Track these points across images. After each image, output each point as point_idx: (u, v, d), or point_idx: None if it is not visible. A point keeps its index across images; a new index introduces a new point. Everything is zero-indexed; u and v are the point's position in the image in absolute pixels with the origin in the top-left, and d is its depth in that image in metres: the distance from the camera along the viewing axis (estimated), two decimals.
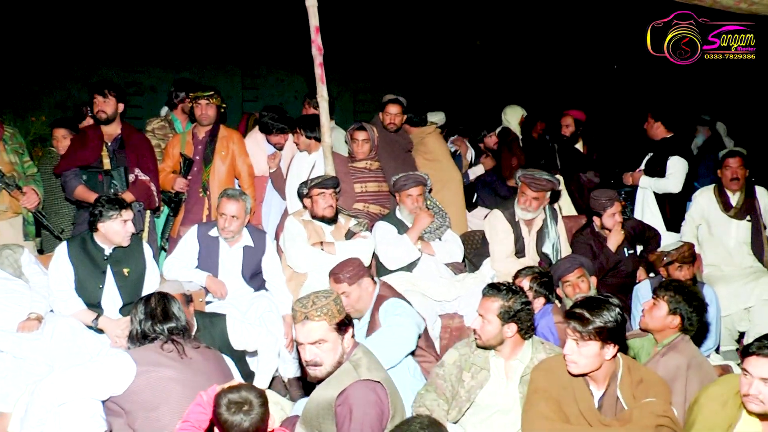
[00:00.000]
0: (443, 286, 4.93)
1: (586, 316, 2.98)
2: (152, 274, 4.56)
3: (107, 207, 4.30)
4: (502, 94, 9.64)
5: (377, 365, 3.12)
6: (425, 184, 5.23)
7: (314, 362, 3.01)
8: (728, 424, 2.98)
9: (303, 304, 3.03)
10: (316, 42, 5.06)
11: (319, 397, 3.04)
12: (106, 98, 5.17)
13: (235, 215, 4.71)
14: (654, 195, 6.11)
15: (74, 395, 3.08)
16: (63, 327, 4.06)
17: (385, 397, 2.96)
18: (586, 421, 3.01)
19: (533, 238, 5.33)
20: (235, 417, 2.61)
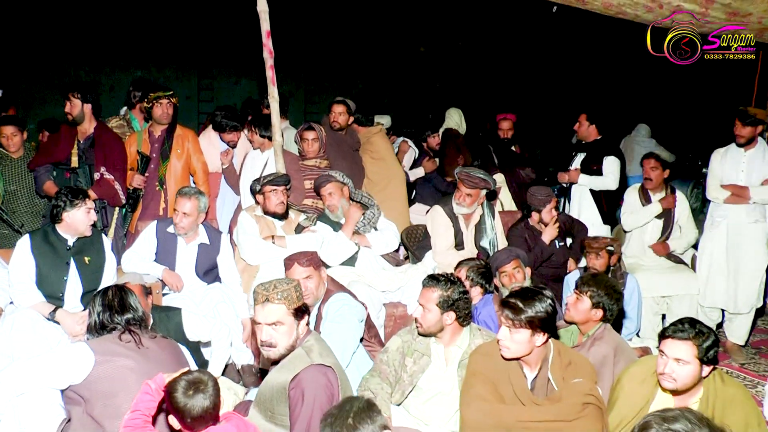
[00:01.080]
0: (387, 277, 4.95)
1: (519, 305, 3.02)
2: (111, 265, 4.47)
3: (71, 197, 4.21)
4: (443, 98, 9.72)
5: (328, 351, 3.12)
6: (338, 181, 5.21)
7: (269, 343, 3.02)
8: (646, 400, 3.08)
9: (265, 287, 3.05)
10: (267, 46, 5.02)
11: (272, 380, 3.04)
12: (71, 101, 5.07)
13: (188, 213, 4.64)
14: (590, 191, 6.22)
15: (34, 385, 3.00)
16: (23, 319, 3.94)
17: (335, 381, 2.97)
18: (520, 401, 3.05)
19: (471, 232, 5.37)
20: (194, 399, 2.60)
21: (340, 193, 5.17)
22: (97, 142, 5.20)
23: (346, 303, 3.95)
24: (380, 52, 11.38)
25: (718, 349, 2.98)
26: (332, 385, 2.94)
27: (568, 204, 6.37)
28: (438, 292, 3.35)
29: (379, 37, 11.03)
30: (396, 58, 11.59)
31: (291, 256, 4.07)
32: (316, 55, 10.93)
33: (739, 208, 5.45)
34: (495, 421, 2.99)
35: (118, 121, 6.13)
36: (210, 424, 2.66)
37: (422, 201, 6.79)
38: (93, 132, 5.21)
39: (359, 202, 5.27)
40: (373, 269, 5.03)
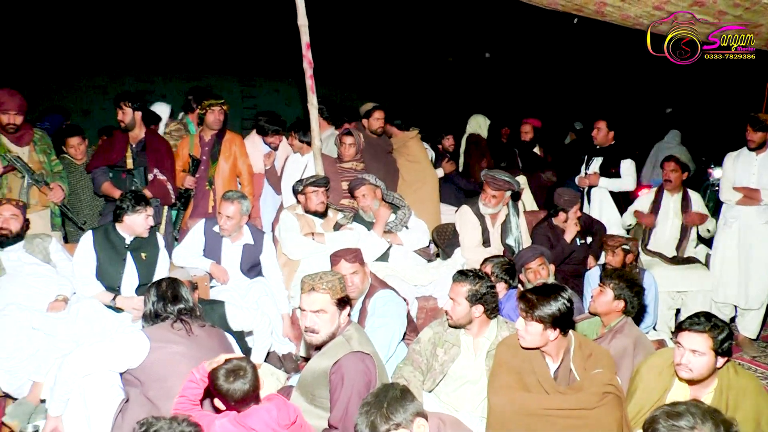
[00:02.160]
0: (419, 272, 4.98)
1: (533, 301, 3.05)
2: (164, 260, 4.55)
3: (134, 202, 4.30)
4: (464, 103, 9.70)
5: (367, 340, 3.16)
6: (371, 183, 5.23)
7: (312, 329, 3.08)
8: (663, 390, 3.07)
9: (312, 277, 3.13)
10: (307, 57, 5.06)
11: (314, 366, 3.09)
12: (123, 110, 5.14)
13: (231, 216, 4.67)
14: (609, 193, 6.23)
15: (96, 368, 3.09)
16: (86, 307, 4.04)
17: (373, 367, 3.00)
18: (544, 389, 3.05)
19: (497, 231, 5.36)
20: (235, 384, 2.66)
21: (373, 194, 5.19)
22: (148, 146, 5.27)
23: (391, 299, 3.98)
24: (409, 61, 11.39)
25: (732, 342, 2.96)
26: (370, 371, 2.98)
27: (588, 205, 6.34)
28: (467, 286, 3.37)
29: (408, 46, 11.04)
30: (424, 67, 11.58)
31: (338, 252, 4.10)
32: (351, 63, 10.96)
33: (750, 209, 5.39)
34: (520, 408, 3.00)
35: (176, 125, 6.20)
36: (253, 403, 2.72)
37: (443, 200, 6.80)
38: (143, 137, 5.27)
39: (391, 203, 5.29)
40: (406, 265, 5.05)
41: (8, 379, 3.85)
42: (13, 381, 3.85)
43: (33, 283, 4.22)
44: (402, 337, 3.94)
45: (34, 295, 4.16)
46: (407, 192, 5.90)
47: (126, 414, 3.01)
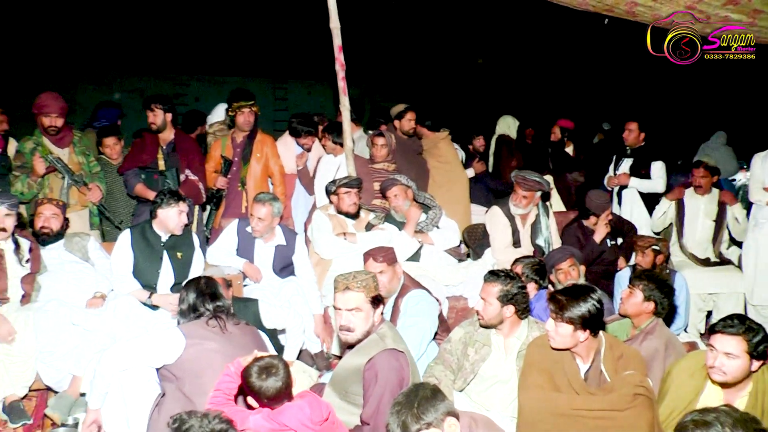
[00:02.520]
0: (450, 272, 4.99)
1: (563, 303, 3.03)
2: (199, 259, 4.61)
3: (168, 197, 4.37)
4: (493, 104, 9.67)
5: (400, 339, 3.18)
6: (402, 184, 5.24)
7: (347, 327, 3.11)
8: (696, 393, 3.04)
9: (345, 276, 3.16)
10: (339, 59, 5.10)
11: (348, 363, 3.12)
12: (154, 112, 5.21)
13: (262, 218, 4.70)
14: (640, 194, 6.19)
15: (133, 363, 3.14)
16: (123, 304, 4.11)
17: (406, 366, 3.03)
18: (574, 390, 3.04)
19: (527, 231, 5.35)
20: (267, 382, 2.68)
21: (404, 195, 5.20)
22: (179, 147, 5.34)
23: (423, 299, 3.98)
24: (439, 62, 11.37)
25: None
26: (403, 369, 3.00)
27: (619, 206, 6.29)
28: (498, 286, 3.36)
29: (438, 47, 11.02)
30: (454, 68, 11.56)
31: (370, 251, 4.13)
32: (381, 65, 10.98)
33: None
34: (550, 408, 2.99)
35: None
36: (285, 400, 2.74)
37: (473, 201, 6.79)
38: (173, 138, 5.34)
39: (422, 203, 5.30)
40: (437, 265, 5.07)
41: (50, 372, 3.94)
42: (54, 375, 3.95)
43: (72, 281, 4.31)
44: (433, 336, 3.95)
45: (73, 291, 4.25)
46: (438, 192, 5.90)
47: (162, 408, 3.06)
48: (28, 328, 3.90)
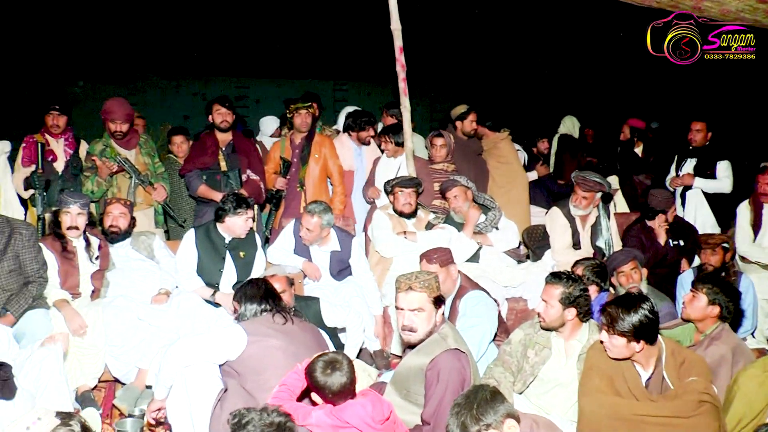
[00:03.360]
0: (509, 273, 4.95)
1: (614, 315, 2.98)
2: (261, 259, 4.69)
3: (236, 205, 4.43)
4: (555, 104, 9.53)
5: (461, 339, 3.17)
6: (462, 185, 5.21)
7: (410, 327, 3.11)
8: (765, 401, 2.93)
9: (408, 277, 3.16)
10: (400, 61, 5.13)
11: (410, 362, 3.12)
12: (229, 110, 5.33)
13: (311, 229, 4.70)
14: (704, 195, 6.03)
15: (196, 359, 3.19)
16: (187, 301, 4.21)
17: (467, 366, 3.02)
18: (635, 396, 2.98)
19: (587, 233, 5.27)
20: (332, 377, 2.69)
21: (464, 196, 5.17)
22: (238, 148, 5.43)
23: (482, 300, 3.96)
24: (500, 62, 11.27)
25: None
26: (465, 369, 3.00)
27: (682, 208, 6.13)
28: (560, 289, 3.31)
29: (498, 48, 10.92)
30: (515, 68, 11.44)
31: (425, 252, 4.12)
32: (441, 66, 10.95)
33: None
34: (611, 413, 2.94)
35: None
36: (349, 397, 2.75)
37: (535, 203, 6.71)
38: (232, 139, 5.44)
39: (481, 204, 5.27)
40: (496, 266, 5.03)
41: (117, 365, 4.07)
42: (122, 367, 4.07)
43: (138, 277, 4.44)
44: (493, 338, 3.92)
45: (139, 288, 4.37)
46: (497, 193, 5.87)
47: (224, 404, 3.09)
48: (98, 323, 4.03)
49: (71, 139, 5.35)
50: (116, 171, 5.11)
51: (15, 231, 4.01)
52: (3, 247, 3.95)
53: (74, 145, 5.34)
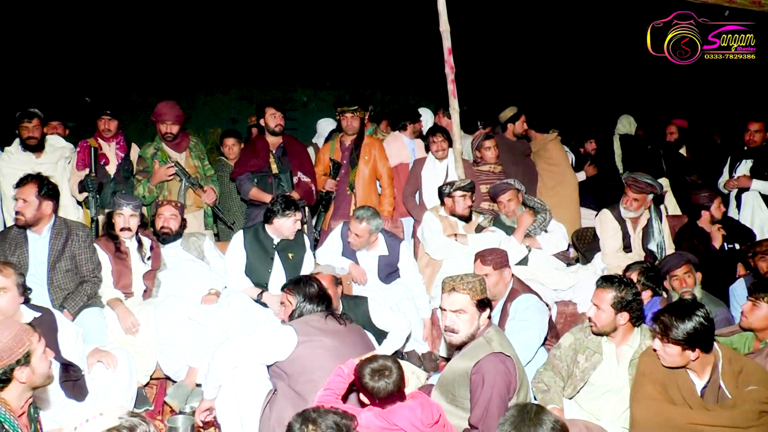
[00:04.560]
0: (559, 276, 4.89)
1: (667, 323, 2.90)
2: (309, 259, 4.72)
3: (284, 207, 4.48)
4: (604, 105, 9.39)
5: (507, 343, 3.13)
6: (515, 189, 5.16)
7: (452, 329, 3.10)
8: None
9: (452, 278, 3.15)
10: (449, 62, 5.13)
11: (455, 366, 3.10)
12: (275, 115, 5.38)
13: (359, 235, 4.70)
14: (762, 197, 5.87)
15: (245, 360, 3.23)
16: (236, 301, 4.26)
17: (513, 370, 2.97)
18: (689, 405, 2.90)
19: (639, 236, 5.16)
20: (379, 383, 2.69)
21: (517, 200, 5.14)
22: (289, 150, 5.47)
23: (533, 304, 3.91)
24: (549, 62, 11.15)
25: None
26: (510, 373, 2.95)
27: (738, 211, 5.96)
28: (612, 293, 3.25)
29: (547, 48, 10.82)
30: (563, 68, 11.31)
31: (481, 252, 4.08)
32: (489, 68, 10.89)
33: None
34: (665, 421, 2.87)
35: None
36: (398, 400, 2.75)
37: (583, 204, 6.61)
38: (282, 141, 5.48)
39: (531, 207, 5.21)
40: (545, 269, 4.98)
41: (168, 363, 4.13)
42: (173, 365, 4.13)
43: (189, 278, 4.50)
44: (543, 342, 3.87)
45: (189, 288, 4.43)
46: (546, 195, 5.82)
47: (274, 405, 3.12)
48: (150, 322, 4.10)
49: (122, 143, 5.47)
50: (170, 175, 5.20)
51: (72, 232, 4.15)
52: (61, 248, 4.08)
53: (125, 149, 5.46)
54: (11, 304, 3.23)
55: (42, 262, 4.06)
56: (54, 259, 4.06)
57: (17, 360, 2.44)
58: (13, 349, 2.44)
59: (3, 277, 3.20)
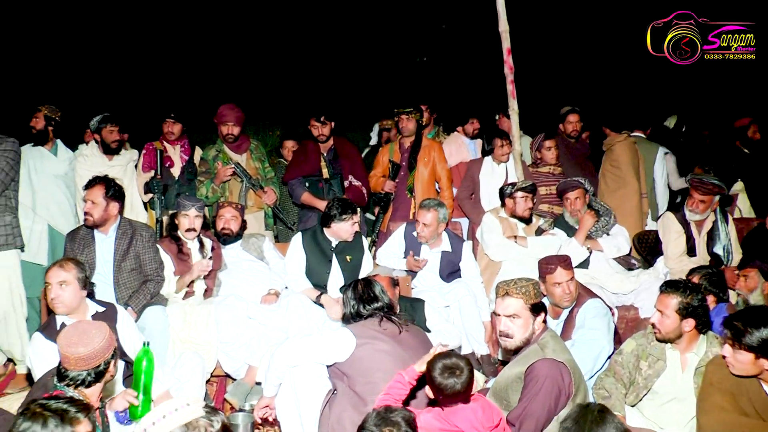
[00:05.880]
0: (620, 280, 4.77)
1: (740, 329, 2.78)
2: (367, 261, 4.74)
3: (341, 211, 4.49)
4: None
5: (562, 349, 3.08)
6: (583, 188, 5.04)
7: (506, 333, 3.09)
8: None
9: (506, 282, 3.14)
10: (508, 62, 5.10)
11: (508, 372, 3.08)
12: (325, 124, 5.40)
13: (428, 224, 4.71)
14: None
15: (304, 360, 3.26)
16: (295, 302, 4.30)
17: (567, 376, 2.92)
18: (762, 417, 2.79)
19: (703, 239, 5.00)
20: (448, 380, 2.67)
21: (584, 199, 5.04)
22: (341, 153, 5.51)
23: (600, 311, 3.82)
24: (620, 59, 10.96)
25: None
26: (563, 379, 2.91)
27: None
28: (677, 298, 3.15)
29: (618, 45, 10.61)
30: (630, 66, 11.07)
31: (550, 259, 3.95)
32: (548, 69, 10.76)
33: None
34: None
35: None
36: (461, 402, 2.73)
37: None
38: (333, 144, 5.51)
39: (594, 210, 5.09)
40: (606, 272, 4.87)
41: (228, 361, 4.20)
42: (233, 363, 4.19)
43: (249, 278, 4.57)
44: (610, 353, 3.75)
45: (249, 288, 4.51)
46: (609, 197, 5.71)
47: (333, 405, 3.14)
48: (210, 320, 4.18)
49: (187, 146, 5.59)
50: (230, 176, 5.28)
51: (136, 233, 4.28)
52: (126, 248, 4.20)
53: (189, 152, 5.57)
54: (73, 297, 3.36)
55: (108, 261, 4.20)
56: (119, 258, 4.19)
57: (111, 355, 2.69)
58: (107, 348, 2.66)
59: (64, 271, 3.33)
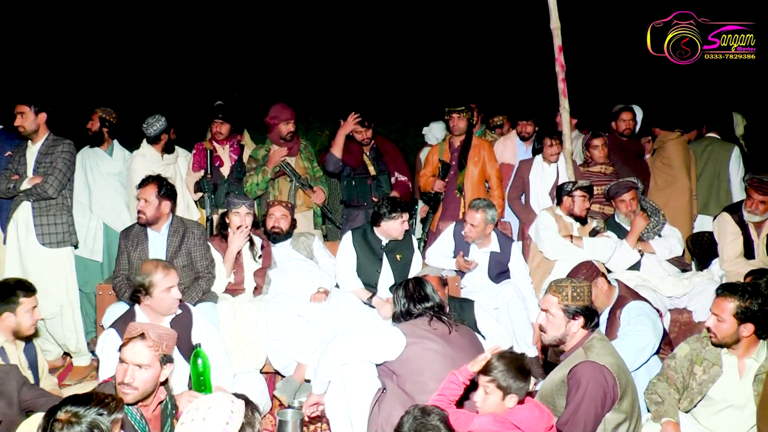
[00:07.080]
0: (672, 283, 4.68)
1: None
2: (417, 260, 4.75)
3: (391, 209, 4.53)
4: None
5: (607, 352, 3.01)
6: (636, 188, 4.97)
7: (541, 326, 3.12)
8: None
9: (557, 280, 3.15)
10: (559, 60, 5.06)
11: (554, 376, 3.06)
12: (367, 128, 5.49)
13: (475, 225, 4.71)
14: None
15: (354, 358, 3.27)
16: (345, 300, 4.33)
17: (611, 379, 2.87)
18: None
19: (763, 241, 4.85)
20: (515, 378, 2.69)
21: (637, 201, 4.96)
22: (382, 151, 5.59)
23: (643, 311, 3.75)
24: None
25: None
26: (607, 382, 2.86)
27: None
28: (735, 302, 3.06)
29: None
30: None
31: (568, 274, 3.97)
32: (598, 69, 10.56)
33: None
34: None
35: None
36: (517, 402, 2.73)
37: None
38: (375, 143, 5.59)
39: (645, 210, 4.97)
40: (658, 274, 4.78)
41: (278, 358, 4.25)
42: (282, 360, 4.24)
43: (298, 276, 4.60)
44: (657, 350, 3.68)
45: (298, 286, 4.53)
46: (657, 197, 5.60)
47: (383, 404, 3.14)
48: (260, 318, 4.23)
49: (236, 146, 5.66)
50: (278, 174, 5.34)
51: (188, 230, 4.37)
52: (177, 245, 4.29)
53: (239, 151, 5.64)
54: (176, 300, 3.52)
55: (161, 258, 4.27)
56: (171, 255, 4.27)
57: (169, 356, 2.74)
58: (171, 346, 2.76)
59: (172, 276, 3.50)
